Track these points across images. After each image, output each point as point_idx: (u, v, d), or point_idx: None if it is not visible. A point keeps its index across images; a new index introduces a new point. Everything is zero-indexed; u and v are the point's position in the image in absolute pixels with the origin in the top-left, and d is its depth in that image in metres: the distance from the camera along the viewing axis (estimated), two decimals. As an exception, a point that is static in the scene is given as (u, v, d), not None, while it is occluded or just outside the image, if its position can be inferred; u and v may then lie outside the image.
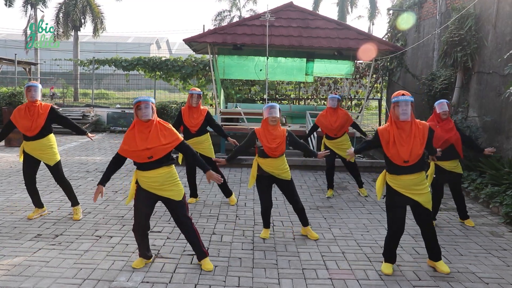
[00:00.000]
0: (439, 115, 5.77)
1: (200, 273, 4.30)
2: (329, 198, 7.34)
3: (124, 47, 45.89)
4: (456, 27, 9.47)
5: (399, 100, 4.17)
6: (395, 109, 4.23)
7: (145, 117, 4.13)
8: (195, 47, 12.10)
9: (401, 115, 4.17)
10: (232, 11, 35.85)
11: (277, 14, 11.42)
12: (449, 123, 5.78)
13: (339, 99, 7.37)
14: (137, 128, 4.18)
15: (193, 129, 6.63)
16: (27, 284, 3.96)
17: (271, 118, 5.07)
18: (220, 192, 7.41)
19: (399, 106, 4.18)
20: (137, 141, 4.13)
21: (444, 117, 5.75)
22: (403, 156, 4.19)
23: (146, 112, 4.12)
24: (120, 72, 18.14)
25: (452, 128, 5.75)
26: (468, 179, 7.83)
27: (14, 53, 17.96)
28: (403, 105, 4.16)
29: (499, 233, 5.78)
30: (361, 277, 4.36)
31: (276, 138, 5.09)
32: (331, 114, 7.23)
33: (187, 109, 6.67)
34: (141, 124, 4.17)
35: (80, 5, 27.65)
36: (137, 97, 4.36)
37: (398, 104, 4.19)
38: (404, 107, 4.16)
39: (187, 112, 6.65)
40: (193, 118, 6.61)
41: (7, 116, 11.78)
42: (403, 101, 4.16)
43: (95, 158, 10.28)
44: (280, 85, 17.44)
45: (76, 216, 5.84)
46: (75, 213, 5.88)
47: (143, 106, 4.13)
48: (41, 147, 5.66)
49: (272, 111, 5.06)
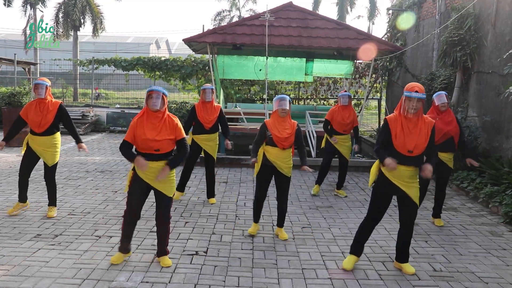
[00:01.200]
0: (438, 107, 5.76)
1: (199, 273, 4.31)
2: (314, 196, 7.42)
3: (124, 47, 45.92)
4: (456, 27, 9.47)
5: (412, 96, 4.15)
6: (406, 102, 4.22)
7: (154, 107, 4.23)
8: (195, 47, 12.10)
9: (411, 109, 4.18)
10: (232, 11, 35.84)
11: (276, 14, 11.42)
12: (449, 115, 5.75)
13: (350, 96, 7.48)
14: (146, 116, 4.27)
15: (207, 125, 6.62)
16: (27, 284, 3.96)
17: (281, 110, 5.13)
18: (219, 192, 7.43)
19: (411, 101, 4.18)
20: (146, 130, 4.22)
21: (443, 109, 5.73)
22: (408, 146, 4.21)
23: (156, 102, 4.22)
24: (120, 72, 18.12)
25: (452, 120, 5.72)
26: (468, 179, 7.84)
27: (13, 53, 17.94)
28: (415, 101, 4.16)
29: (499, 233, 5.78)
30: (361, 277, 4.36)
31: (286, 128, 5.14)
32: (343, 110, 7.34)
33: (200, 105, 6.66)
34: (150, 114, 4.27)
35: (80, 5, 27.65)
36: (151, 86, 4.39)
37: (410, 99, 4.18)
38: (415, 104, 4.16)
39: (201, 108, 6.64)
40: (208, 114, 6.61)
41: (6, 116, 11.77)
42: (415, 98, 4.15)
43: (94, 158, 10.28)
44: (279, 85, 17.42)
45: (50, 214, 5.88)
46: (50, 210, 5.93)
47: (154, 96, 4.23)
48: (46, 144, 5.75)
49: (282, 103, 5.12)
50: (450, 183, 8.20)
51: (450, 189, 8.15)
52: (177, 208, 6.40)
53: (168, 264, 4.45)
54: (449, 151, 5.83)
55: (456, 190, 7.98)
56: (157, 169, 4.28)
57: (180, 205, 6.56)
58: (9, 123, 11.72)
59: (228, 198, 7.13)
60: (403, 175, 4.28)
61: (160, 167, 4.28)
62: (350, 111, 7.39)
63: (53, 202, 5.99)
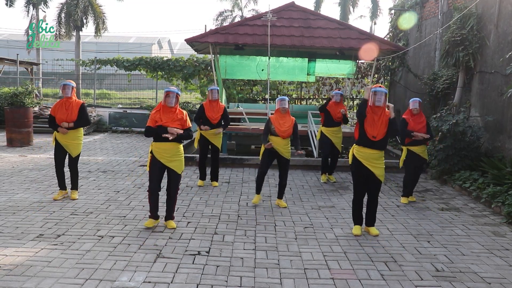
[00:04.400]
0: (411, 110, 7.08)
1: (202, 273, 4.31)
2: (323, 184, 8.36)
3: (126, 47, 45.96)
4: (458, 27, 9.45)
5: (377, 91, 5.40)
6: (373, 97, 5.41)
7: (170, 104, 5.45)
8: (197, 47, 12.10)
9: (377, 101, 5.39)
10: (234, 11, 35.86)
11: (279, 14, 11.41)
12: (420, 117, 7.08)
13: (342, 94, 8.54)
14: (163, 109, 5.47)
15: (214, 121, 7.75)
16: (29, 284, 3.97)
17: (282, 108, 6.63)
18: (222, 192, 7.46)
19: (376, 95, 5.39)
20: (162, 118, 5.42)
21: (415, 112, 7.07)
22: (373, 131, 5.42)
23: (172, 101, 5.44)
24: (122, 72, 18.12)
25: (422, 121, 7.07)
26: (470, 179, 7.82)
27: (16, 53, 17.95)
28: (379, 94, 5.38)
29: (501, 233, 5.77)
30: (363, 277, 4.36)
31: (286, 122, 6.62)
32: (336, 106, 8.45)
33: (208, 103, 7.82)
34: (166, 108, 5.47)
35: (82, 5, 27.61)
36: (168, 87, 5.62)
37: (376, 93, 5.40)
38: (379, 96, 5.38)
39: (208, 106, 7.79)
40: (214, 112, 7.75)
41: (9, 117, 11.79)
42: (379, 91, 5.39)
43: (97, 158, 10.29)
44: (282, 85, 17.40)
45: (73, 196, 6.80)
46: (73, 193, 6.85)
47: (171, 95, 5.43)
48: (71, 138, 6.68)
49: (283, 103, 6.64)
50: (452, 183, 8.20)
51: (452, 189, 8.14)
52: (179, 208, 6.41)
53: (173, 226, 5.57)
54: (421, 144, 7.09)
55: (459, 190, 7.97)
56: (169, 149, 5.44)
57: (182, 205, 6.56)
58: (11, 123, 11.76)
59: (230, 198, 7.13)
60: (369, 157, 5.48)
61: (171, 148, 5.45)
62: (340, 108, 8.42)
63: (75, 187, 6.90)
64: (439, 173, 8.67)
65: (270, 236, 5.42)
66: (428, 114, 10.20)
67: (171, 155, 5.46)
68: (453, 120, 8.32)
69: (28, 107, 12.29)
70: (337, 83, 17.22)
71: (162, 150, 5.43)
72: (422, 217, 6.39)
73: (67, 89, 6.63)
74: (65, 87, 6.64)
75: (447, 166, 8.42)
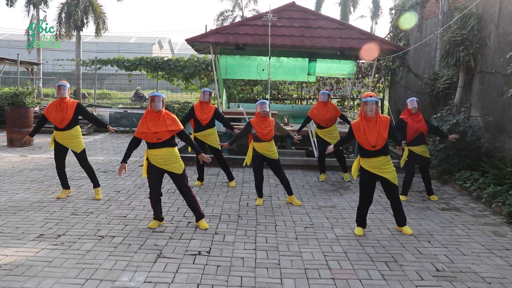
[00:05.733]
0: (410, 110, 7.06)
1: (202, 273, 4.31)
2: (322, 183, 8.39)
3: (127, 47, 45.99)
4: (459, 27, 9.45)
5: (368, 101, 5.32)
6: (364, 107, 5.35)
7: (156, 108, 5.35)
8: (197, 47, 12.10)
9: (368, 112, 5.33)
10: (235, 11, 35.82)
11: (279, 14, 11.40)
12: (418, 116, 7.05)
13: (329, 94, 8.52)
14: (149, 116, 5.38)
15: (204, 122, 7.74)
16: (30, 284, 3.97)
17: (262, 112, 6.60)
18: (222, 192, 7.46)
19: (367, 105, 5.32)
20: (149, 125, 5.32)
21: (414, 111, 7.03)
22: (371, 142, 5.33)
23: (158, 105, 5.35)
24: (123, 72, 18.13)
25: (421, 120, 7.04)
26: (471, 179, 7.82)
27: (16, 53, 17.95)
28: (370, 104, 5.32)
29: (502, 233, 5.77)
30: (364, 277, 4.36)
31: (267, 126, 6.60)
32: (322, 107, 8.36)
33: (199, 104, 7.83)
34: (152, 113, 5.37)
35: (82, 5, 27.63)
36: (153, 92, 5.66)
37: (367, 103, 5.32)
38: (371, 106, 5.31)
39: (199, 107, 7.80)
40: (204, 113, 7.75)
41: (9, 117, 11.80)
42: (370, 101, 5.32)
43: (97, 158, 10.29)
44: (282, 85, 17.41)
45: (97, 196, 6.83)
46: (96, 193, 6.87)
47: (156, 100, 5.35)
48: (69, 137, 6.66)
49: (263, 106, 6.61)
50: (453, 183, 8.19)
51: (453, 189, 8.14)
52: (180, 208, 6.41)
53: (205, 226, 5.58)
54: (421, 144, 7.09)
55: (459, 190, 7.97)
56: (164, 155, 5.39)
57: (183, 205, 6.56)
58: (12, 123, 11.78)
59: (231, 198, 7.13)
60: (377, 165, 5.41)
61: (165, 153, 5.39)
62: (328, 108, 8.33)
63: (96, 184, 6.92)
64: (439, 173, 8.67)
65: (271, 236, 5.42)
66: (428, 114, 10.21)
67: (166, 159, 5.43)
68: (454, 120, 8.33)
69: (28, 107, 12.29)
70: (338, 83, 17.24)
71: (157, 157, 5.40)
72: (422, 217, 6.39)
73: (62, 89, 6.60)
74: (60, 87, 6.61)
75: (447, 166, 8.42)
